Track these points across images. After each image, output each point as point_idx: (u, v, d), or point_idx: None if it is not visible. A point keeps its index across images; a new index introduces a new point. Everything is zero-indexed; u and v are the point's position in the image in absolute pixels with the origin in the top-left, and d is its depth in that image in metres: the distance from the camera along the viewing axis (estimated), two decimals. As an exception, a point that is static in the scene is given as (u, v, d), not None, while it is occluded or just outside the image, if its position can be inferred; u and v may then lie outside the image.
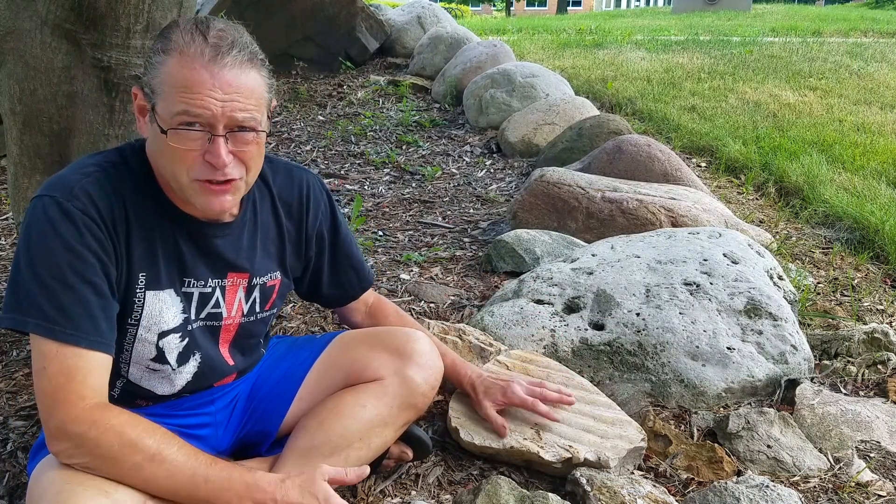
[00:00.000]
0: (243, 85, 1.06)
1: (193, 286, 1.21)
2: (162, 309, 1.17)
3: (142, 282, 1.14)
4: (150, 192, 1.15)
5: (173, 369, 1.23)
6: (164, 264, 1.17)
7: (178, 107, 1.04)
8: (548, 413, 1.49)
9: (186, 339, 1.22)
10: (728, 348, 1.78)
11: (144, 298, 1.15)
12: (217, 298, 1.25)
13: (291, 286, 1.41)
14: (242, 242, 1.26)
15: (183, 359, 1.23)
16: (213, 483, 1.07)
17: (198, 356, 1.25)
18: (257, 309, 1.32)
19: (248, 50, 1.08)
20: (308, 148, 4.33)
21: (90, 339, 1.04)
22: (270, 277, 1.32)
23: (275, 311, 1.37)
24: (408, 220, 3.16)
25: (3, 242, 2.82)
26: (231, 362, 1.32)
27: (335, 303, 1.53)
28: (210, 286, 1.23)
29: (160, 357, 1.21)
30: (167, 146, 1.06)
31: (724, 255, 2.08)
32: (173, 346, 1.21)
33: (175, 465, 1.05)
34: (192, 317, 1.23)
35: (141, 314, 1.16)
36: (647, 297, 1.92)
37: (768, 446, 1.53)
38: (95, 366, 1.05)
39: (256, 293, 1.30)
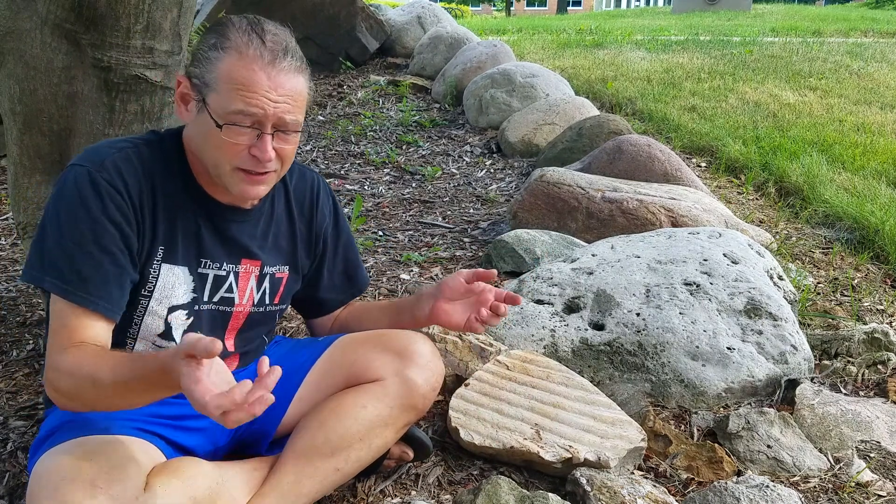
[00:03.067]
0: (293, 89, 1.14)
1: (209, 267, 1.26)
2: (175, 283, 1.22)
3: (160, 254, 1.20)
4: (179, 172, 1.22)
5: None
6: (183, 242, 1.22)
7: (236, 105, 1.10)
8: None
9: (192, 318, 1.26)
10: (728, 348, 1.78)
11: (160, 270, 1.21)
12: (231, 283, 1.29)
13: (299, 284, 1.44)
14: (257, 231, 1.32)
15: None
16: (148, 364, 1.02)
17: None
18: (267, 300, 1.36)
19: (298, 56, 1.16)
20: (308, 148, 4.33)
21: (98, 303, 1.11)
22: (279, 270, 1.37)
23: (284, 306, 1.41)
24: (408, 220, 3.16)
25: (3, 242, 2.82)
26: (231, 348, 1.35)
27: (326, 308, 1.54)
28: (225, 269, 1.28)
29: (167, 333, 1.24)
30: (217, 137, 1.13)
31: (724, 255, 2.08)
32: (180, 322, 1.25)
33: (116, 376, 1.02)
34: (205, 298, 1.27)
35: (155, 286, 1.21)
36: (647, 297, 1.92)
37: (768, 446, 1.53)
38: (91, 326, 1.11)
39: (267, 283, 1.35)
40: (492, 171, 3.96)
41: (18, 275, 2.54)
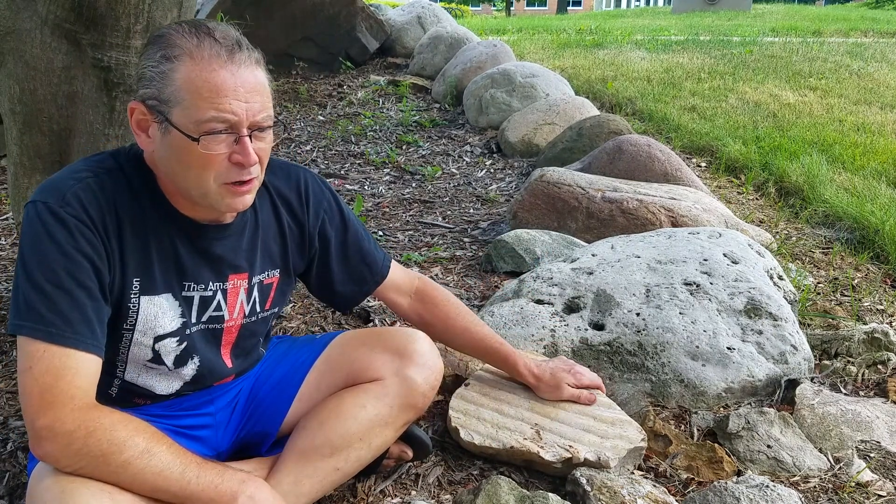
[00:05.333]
0: (258, 83, 1.08)
1: (194, 290, 1.21)
2: (157, 314, 1.17)
3: (136, 287, 1.14)
4: (148, 197, 1.15)
5: (170, 370, 1.23)
6: (161, 269, 1.16)
7: (208, 113, 1.04)
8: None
9: (185, 343, 1.22)
10: (728, 348, 1.78)
11: (139, 304, 1.15)
12: (218, 301, 1.24)
13: (292, 284, 1.40)
14: (242, 243, 1.26)
15: (180, 361, 1.23)
16: (203, 482, 1.06)
17: (196, 359, 1.25)
18: (258, 309, 1.31)
19: (251, 47, 1.09)
20: (308, 148, 4.33)
21: (86, 341, 1.04)
22: (268, 275, 1.32)
23: (276, 309, 1.37)
24: (408, 220, 3.16)
25: (3, 242, 2.82)
26: (230, 365, 1.32)
27: (351, 301, 1.49)
28: (211, 289, 1.23)
29: (156, 359, 1.21)
30: (194, 153, 1.06)
31: (724, 255, 2.08)
32: (170, 349, 1.21)
33: (165, 462, 1.04)
34: (193, 320, 1.22)
35: (136, 319, 1.15)
36: (647, 297, 1.92)
37: (768, 446, 1.53)
38: (84, 367, 1.04)
39: (256, 292, 1.30)
40: (492, 171, 3.96)
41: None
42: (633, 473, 1.48)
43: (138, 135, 1.11)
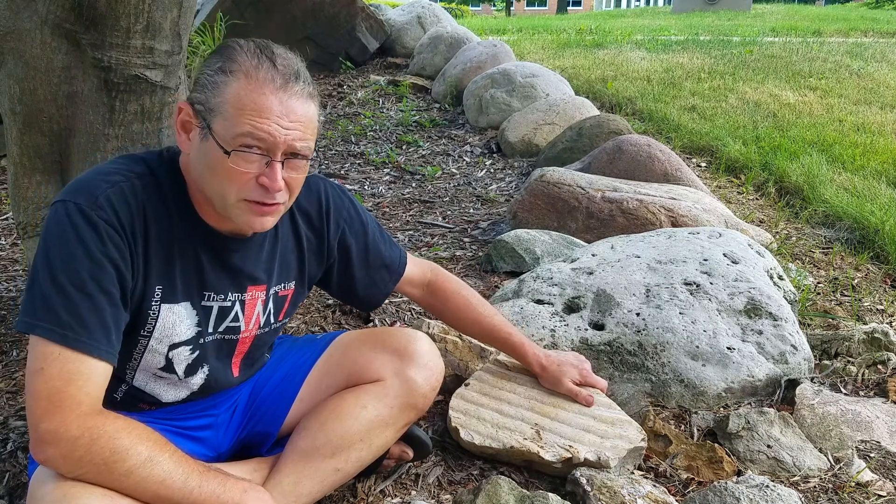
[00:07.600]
0: (305, 115, 1.08)
1: (213, 300, 1.21)
2: (175, 322, 1.17)
3: (157, 294, 1.14)
4: (176, 205, 1.15)
5: (180, 379, 1.23)
6: (183, 278, 1.17)
7: (244, 128, 1.04)
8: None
9: (197, 352, 1.23)
10: (728, 348, 1.78)
11: (159, 311, 1.15)
12: (236, 312, 1.25)
13: (305, 294, 1.42)
14: (262, 255, 1.26)
15: (191, 370, 1.24)
16: (205, 491, 1.06)
17: (206, 368, 1.25)
18: (272, 320, 1.32)
19: (309, 81, 1.11)
20: (308, 148, 4.33)
21: (101, 348, 1.03)
22: (284, 287, 1.33)
23: (286, 320, 1.38)
24: (408, 220, 3.16)
25: (3, 242, 2.82)
26: (237, 374, 1.33)
27: (373, 303, 1.51)
28: (230, 300, 1.23)
29: (168, 367, 1.21)
30: (224, 165, 1.06)
31: (724, 254, 2.08)
32: (182, 357, 1.21)
33: (167, 471, 1.04)
34: (209, 330, 1.23)
35: (154, 326, 1.16)
36: (647, 297, 1.92)
37: (768, 446, 1.53)
38: (96, 374, 1.03)
39: (271, 304, 1.31)
40: (492, 171, 3.96)
41: (19, 275, 2.54)
42: (633, 473, 1.48)
43: (180, 134, 1.13)
